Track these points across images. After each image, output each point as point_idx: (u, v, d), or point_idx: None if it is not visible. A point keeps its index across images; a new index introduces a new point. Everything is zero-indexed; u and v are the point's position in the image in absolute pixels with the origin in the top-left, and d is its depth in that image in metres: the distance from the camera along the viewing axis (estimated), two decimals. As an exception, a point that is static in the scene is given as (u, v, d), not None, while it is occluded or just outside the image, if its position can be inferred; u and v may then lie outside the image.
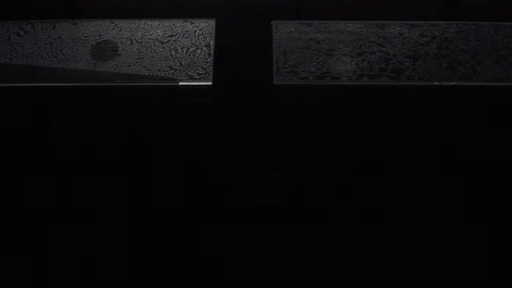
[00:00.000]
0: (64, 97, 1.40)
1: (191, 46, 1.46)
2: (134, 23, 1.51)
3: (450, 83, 1.39)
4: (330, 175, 1.25)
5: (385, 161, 1.27)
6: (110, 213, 1.19)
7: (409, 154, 1.29)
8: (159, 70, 1.41)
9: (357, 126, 1.33)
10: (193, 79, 1.39)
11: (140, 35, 1.48)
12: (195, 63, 1.42)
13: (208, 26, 1.50)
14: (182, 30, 1.49)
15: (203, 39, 1.47)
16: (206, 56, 1.44)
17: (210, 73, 1.40)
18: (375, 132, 1.32)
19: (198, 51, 1.45)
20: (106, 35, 1.49)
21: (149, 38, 1.48)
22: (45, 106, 1.40)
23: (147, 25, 1.51)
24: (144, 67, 1.42)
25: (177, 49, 1.45)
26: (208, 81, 1.39)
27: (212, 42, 1.46)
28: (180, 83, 1.39)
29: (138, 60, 1.43)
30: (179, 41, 1.47)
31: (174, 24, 1.51)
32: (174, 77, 1.40)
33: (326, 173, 1.25)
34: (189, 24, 1.51)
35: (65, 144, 1.31)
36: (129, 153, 1.29)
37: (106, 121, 1.37)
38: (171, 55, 1.44)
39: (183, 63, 1.42)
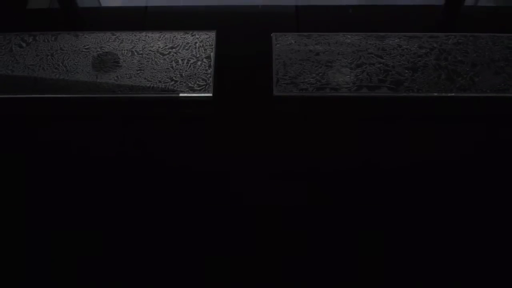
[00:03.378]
0: (65, 108, 1.40)
1: (192, 58, 1.47)
2: (135, 35, 1.53)
3: (449, 94, 1.40)
4: (330, 185, 1.25)
5: (385, 171, 1.28)
6: (110, 223, 1.19)
7: (408, 164, 1.29)
8: (159, 82, 1.42)
9: (357, 136, 1.34)
10: (194, 91, 1.40)
11: (141, 47, 1.50)
12: (195, 74, 1.43)
13: (209, 38, 1.51)
14: (182, 42, 1.51)
15: (203, 50, 1.49)
16: (207, 67, 1.45)
17: (211, 84, 1.41)
18: (375, 142, 1.33)
19: (199, 62, 1.46)
20: (108, 47, 1.50)
21: (150, 50, 1.49)
22: (46, 118, 1.41)
23: (148, 37, 1.52)
24: (145, 78, 1.43)
25: (178, 61, 1.46)
26: (208, 93, 1.39)
27: (212, 54, 1.47)
28: (181, 95, 1.40)
29: (139, 71, 1.44)
30: (179, 52, 1.48)
31: (175, 36, 1.52)
32: (175, 88, 1.41)
33: (326, 182, 1.25)
34: (189, 36, 1.52)
35: (66, 155, 1.31)
36: (130, 165, 1.30)
37: (107, 132, 1.37)
38: (172, 67, 1.45)
39: (183, 74, 1.43)
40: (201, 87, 1.41)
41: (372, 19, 1.63)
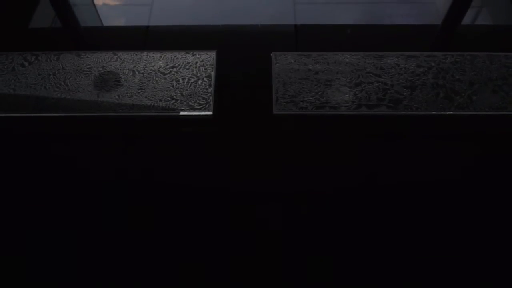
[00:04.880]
0: (67, 127, 1.41)
1: (192, 77, 1.48)
2: (136, 54, 1.54)
3: (447, 112, 1.41)
4: (330, 203, 1.25)
5: (384, 188, 1.28)
6: (110, 238, 1.19)
7: (407, 182, 1.29)
8: (160, 100, 1.43)
9: (356, 154, 1.34)
10: (194, 109, 1.41)
11: (142, 66, 1.51)
12: (196, 93, 1.44)
13: (209, 57, 1.53)
14: (183, 62, 1.52)
15: (204, 70, 1.50)
16: (207, 86, 1.46)
17: (211, 103, 1.42)
18: (374, 160, 1.33)
19: (199, 81, 1.47)
20: (109, 66, 1.52)
21: (151, 69, 1.50)
22: (47, 136, 1.41)
23: (149, 56, 1.54)
24: (146, 97, 1.44)
25: (179, 80, 1.48)
26: (208, 111, 1.41)
27: (212, 73, 1.49)
28: (181, 113, 1.41)
29: (140, 90, 1.46)
30: (180, 72, 1.50)
31: (175, 56, 1.54)
32: (175, 107, 1.42)
33: (326, 200, 1.25)
34: (190, 56, 1.54)
35: (67, 173, 1.32)
36: (130, 182, 1.30)
37: (108, 150, 1.38)
38: (173, 86, 1.46)
39: (184, 93, 1.44)
40: (201, 106, 1.42)
41: (370, 38, 1.65)
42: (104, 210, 1.24)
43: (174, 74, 1.49)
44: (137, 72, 1.50)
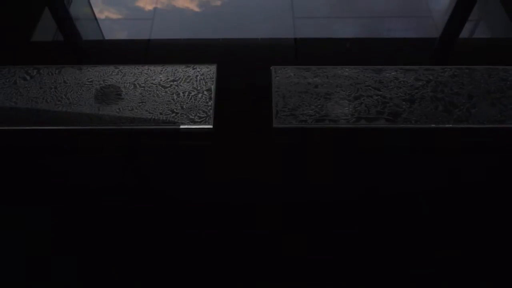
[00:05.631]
0: (67, 140, 1.42)
1: (193, 90, 1.50)
2: (137, 68, 1.56)
3: (446, 125, 1.41)
4: (330, 215, 1.25)
5: (384, 200, 1.28)
6: (112, 250, 1.19)
7: (407, 194, 1.30)
8: (161, 114, 1.44)
9: (356, 167, 1.35)
10: (194, 122, 1.42)
11: (143, 80, 1.53)
12: (196, 106, 1.45)
13: (210, 71, 1.54)
14: (184, 75, 1.54)
15: (204, 83, 1.51)
16: (207, 100, 1.47)
17: (211, 116, 1.43)
18: (373, 173, 1.33)
19: (200, 95, 1.48)
20: (110, 80, 1.53)
21: (151, 83, 1.52)
22: (48, 149, 1.42)
23: (150, 70, 1.55)
24: (146, 110, 1.45)
25: (179, 93, 1.49)
26: (208, 124, 1.41)
27: (213, 87, 1.50)
28: (181, 126, 1.41)
29: (140, 104, 1.46)
30: (181, 85, 1.51)
31: (176, 70, 1.55)
32: (176, 120, 1.42)
33: (325, 212, 1.25)
34: (191, 70, 1.55)
35: (68, 186, 1.32)
36: (131, 195, 1.30)
37: (108, 163, 1.38)
38: (173, 99, 1.47)
39: (184, 106, 1.45)
40: (201, 119, 1.43)
41: (368, 52, 1.67)
42: (103, 223, 1.24)
43: (174, 88, 1.51)
44: (138, 86, 1.51)
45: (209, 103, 1.46)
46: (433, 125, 1.41)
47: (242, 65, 1.61)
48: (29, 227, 1.23)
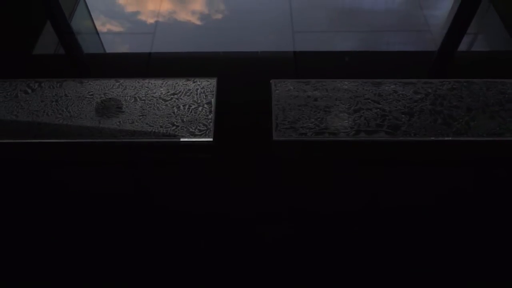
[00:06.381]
0: (68, 153, 1.42)
1: (193, 104, 1.50)
2: (138, 81, 1.57)
3: (446, 138, 1.42)
4: (330, 227, 1.25)
5: (383, 213, 1.28)
6: (112, 265, 1.18)
7: (406, 207, 1.29)
8: (161, 127, 1.44)
9: (355, 180, 1.35)
10: (195, 135, 1.42)
11: (143, 93, 1.53)
12: (196, 119, 1.46)
13: (210, 84, 1.55)
14: (184, 89, 1.55)
15: (204, 96, 1.52)
16: (207, 113, 1.48)
17: (211, 129, 1.43)
18: (373, 185, 1.34)
19: (200, 108, 1.49)
20: (111, 93, 1.54)
21: (152, 96, 1.53)
22: (48, 162, 1.42)
23: (151, 83, 1.56)
24: (147, 123, 1.45)
25: (179, 107, 1.50)
26: (209, 137, 1.42)
27: (213, 100, 1.51)
28: (182, 139, 1.42)
29: (141, 117, 1.47)
30: (181, 99, 1.52)
31: (177, 83, 1.56)
32: (176, 133, 1.43)
33: (325, 225, 1.25)
34: (191, 83, 1.56)
35: (68, 199, 1.32)
36: (131, 208, 1.30)
37: (108, 176, 1.38)
38: (173, 112, 1.48)
39: (185, 119, 1.46)
40: (202, 132, 1.43)
41: (368, 65, 1.68)
42: (103, 236, 1.24)
43: (175, 101, 1.51)
44: (138, 99, 1.52)
45: (209, 116, 1.47)
46: (432, 138, 1.42)
47: (242, 78, 1.62)
48: (29, 239, 1.23)
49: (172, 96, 1.53)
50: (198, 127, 1.44)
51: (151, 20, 1.91)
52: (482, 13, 1.94)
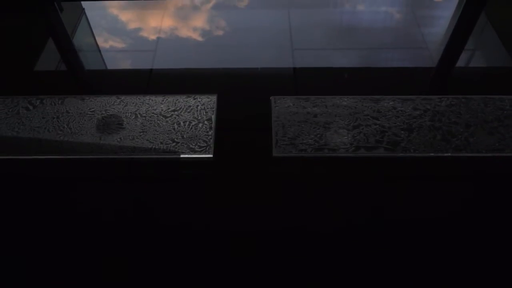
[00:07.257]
0: (68, 169, 1.42)
1: (193, 120, 1.51)
2: (139, 98, 1.58)
3: (445, 154, 1.42)
4: (330, 243, 1.24)
5: (383, 229, 1.27)
6: (111, 282, 1.18)
7: (406, 223, 1.29)
8: (161, 143, 1.45)
9: (355, 195, 1.35)
10: (195, 152, 1.43)
11: (144, 109, 1.54)
12: (196, 136, 1.47)
13: (210, 101, 1.56)
14: (185, 105, 1.56)
15: (205, 113, 1.53)
16: (208, 129, 1.49)
17: (211, 146, 1.44)
18: (373, 201, 1.34)
19: (200, 124, 1.50)
20: (112, 109, 1.55)
21: (153, 113, 1.54)
22: (48, 178, 1.42)
23: (152, 100, 1.57)
24: (147, 140, 1.46)
25: (180, 123, 1.51)
26: (209, 154, 1.42)
27: (213, 116, 1.52)
28: (182, 156, 1.42)
29: (141, 133, 1.48)
30: (182, 115, 1.53)
31: (177, 100, 1.57)
32: (176, 149, 1.44)
33: (326, 240, 1.25)
34: (192, 100, 1.57)
35: (68, 215, 1.32)
36: (131, 225, 1.30)
37: (108, 192, 1.38)
38: (174, 129, 1.49)
39: (185, 136, 1.47)
40: (202, 149, 1.44)
41: (367, 82, 1.69)
42: (103, 252, 1.24)
43: (175, 117, 1.52)
44: (139, 115, 1.53)
45: (210, 133, 1.47)
46: (432, 154, 1.42)
47: (242, 95, 1.64)
48: (27, 254, 1.23)
49: (173, 113, 1.54)
50: (198, 144, 1.45)
51: (152, 37, 1.93)
52: (479, 30, 1.96)
